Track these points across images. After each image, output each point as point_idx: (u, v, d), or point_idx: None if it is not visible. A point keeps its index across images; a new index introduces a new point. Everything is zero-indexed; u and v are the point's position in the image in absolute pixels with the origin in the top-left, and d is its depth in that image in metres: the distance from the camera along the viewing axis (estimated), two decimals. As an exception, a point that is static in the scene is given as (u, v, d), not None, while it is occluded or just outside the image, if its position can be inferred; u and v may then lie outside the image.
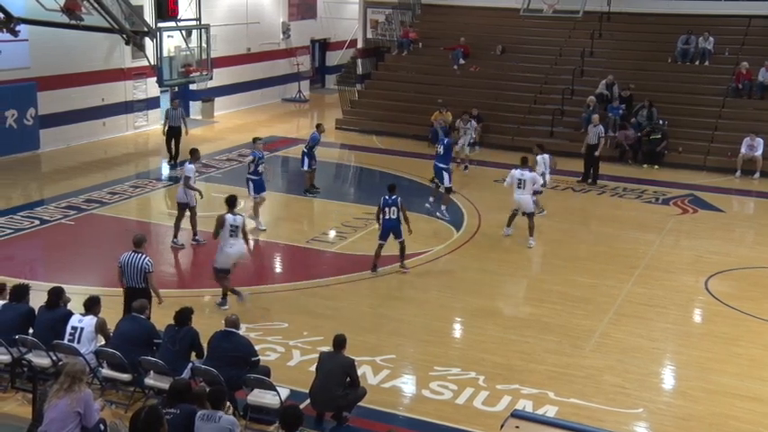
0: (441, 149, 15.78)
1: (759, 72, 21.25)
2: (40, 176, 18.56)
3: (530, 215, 14.22)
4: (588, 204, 17.34)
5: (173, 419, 6.96)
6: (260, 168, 14.66)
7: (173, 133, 19.32)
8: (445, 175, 15.62)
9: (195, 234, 13.89)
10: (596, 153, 18.25)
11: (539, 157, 15.83)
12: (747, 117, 20.87)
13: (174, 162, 19.12)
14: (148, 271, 9.76)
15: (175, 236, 13.84)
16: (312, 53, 30.52)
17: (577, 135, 20.47)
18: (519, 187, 14.11)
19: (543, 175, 15.53)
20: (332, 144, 22.50)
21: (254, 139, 15.37)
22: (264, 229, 14.62)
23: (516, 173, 14.21)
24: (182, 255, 13.84)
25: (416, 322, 11.17)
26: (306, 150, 17.02)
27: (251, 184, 14.68)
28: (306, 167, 16.95)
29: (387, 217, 12.57)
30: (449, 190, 15.76)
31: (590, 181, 18.45)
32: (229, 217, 11.26)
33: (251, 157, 14.82)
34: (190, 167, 13.86)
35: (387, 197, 12.58)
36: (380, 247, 12.71)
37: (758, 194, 18.49)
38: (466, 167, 19.67)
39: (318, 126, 17.29)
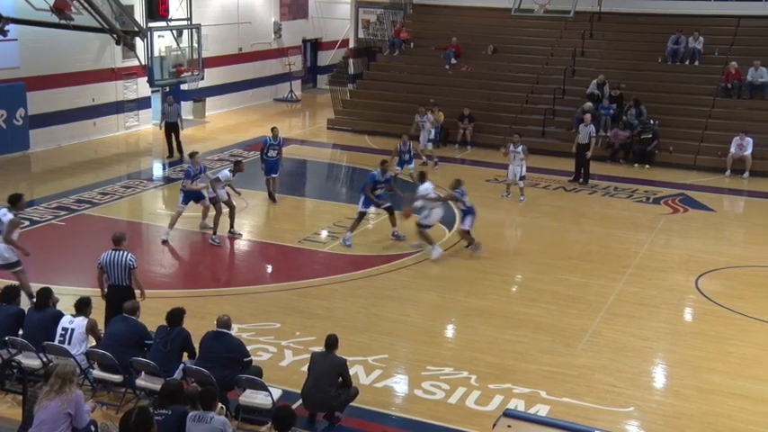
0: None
1: (748, 72, 21.37)
2: (30, 177, 18.47)
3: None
4: (580, 204, 17.38)
5: (164, 420, 6.93)
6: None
7: (170, 129, 19.51)
8: (361, 197, 14.23)
9: (231, 227, 14.24)
10: (587, 153, 18.29)
11: (520, 148, 16.45)
12: (737, 117, 20.98)
13: (180, 156, 19.31)
14: (133, 267, 9.69)
15: (214, 233, 14.04)
16: (304, 53, 30.50)
17: (569, 135, 20.52)
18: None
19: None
20: (324, 144, 22.50)
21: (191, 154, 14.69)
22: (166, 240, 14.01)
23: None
24: (173, 254, 13.81)
25: (409, 322, 11.17)
26: (263, 156, 16.47)
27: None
28: (264, 174, 16.42)
29: None
30: (361, 215, 14.22)
31: (581, 180, 18.50)
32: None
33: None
34: (225, 174, 14.11)
35: None
36: None
37: (748, 194, 18.60)
38: (436, 163, 19.65)
39: (272, 130, 16.63)
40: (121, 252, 9.73)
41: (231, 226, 14.29)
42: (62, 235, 14.26)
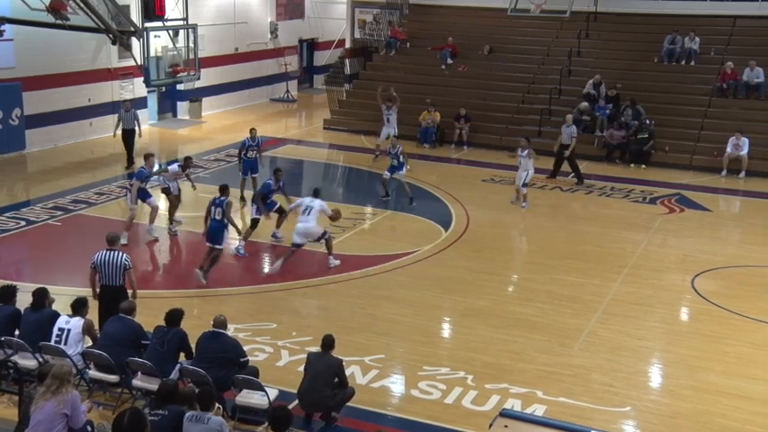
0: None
1: (744, 72, 21.41)
2: (26, 177, 18.44)
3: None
4: (576, 204, 17.41)
5: (161, 421, 6.93)
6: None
7: (127, 136, 18.71)
8: (253, 206, 14.02)
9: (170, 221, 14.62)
10: (565, 153, 18.32)
11: (526, 153, 16.04)
12: (733, 117, 21.01)
13: (128, 165, 18.53)
14: (128, 267, 9.68)
15: (170, 222, 14.57)
16: (300, 53, 30.49)
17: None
18: (304, 213, 13.03)
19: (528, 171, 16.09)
20: (320, 144, 22.50)
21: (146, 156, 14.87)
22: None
23: (306, 200, 13.27)
24: (169, 254, 13.80)
25: (405, 322, 11.17)
26: (242, 157, 16.44)
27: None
28: (241, 174, 16.41)
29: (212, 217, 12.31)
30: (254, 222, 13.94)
31: (577, 181, 18.45)
32: None
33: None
34: (174, 168, 14.61)
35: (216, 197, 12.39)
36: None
37: (744, 194, 18.63)
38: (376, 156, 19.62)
39: (250, 131, 16.56)
40: (116, 252, 9.71)
41: (170, 220, 14.56)
42: (58, 235, 14.24)
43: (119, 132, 18.87)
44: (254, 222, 13.90)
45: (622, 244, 14.58)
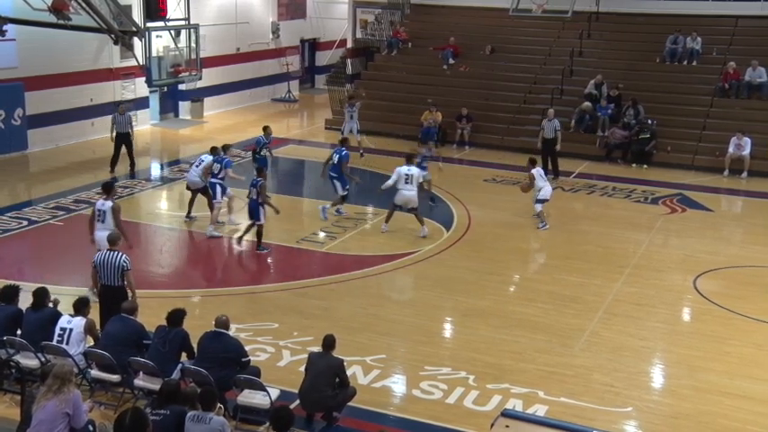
0: (335, 159, 15.19)
1: (746, 72, 21.40)
2: (28, 177, 18.46)
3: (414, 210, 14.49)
4: (578, 204, 17.40)
5: (162, 420, 6.94)
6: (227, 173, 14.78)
7: (122, 140, 18.05)
8: (336, 183, 15.27)
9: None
10: (557, 147, 18.53)
11: (534, 171, 15.41)
12: (735, 117, 20.99)
13: (132, 170, 18.29)
14: (126, 269, 9.66)
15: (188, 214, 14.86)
16: (302, 53, 30.50)
17: (566, 135, 20.50)
18: (406, 183, 14.31)
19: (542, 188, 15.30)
20: (322, 144, 22.48)
21: (225, 147, 15.23)
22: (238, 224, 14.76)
23: (403, 169, 14.43)
24: (171, 254, 13.81)
25: (407, 322, 11.18)
26: (256, 155, 16.62)
27: (218, 188, 14.55)
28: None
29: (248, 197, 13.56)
30: (343, 198, 15.37)
31: (551, 176, 18.29)
32: None
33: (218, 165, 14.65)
34: (210, 159, 14.68)
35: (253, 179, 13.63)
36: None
37: (746, 194, 18.61)
38: (362, 154, 19.64)
39: (265, 129, 16.79)
40: (116, 253, 9.72)
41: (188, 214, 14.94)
42: (60, 235, 14.25)
43: (115, 135, 18.28)
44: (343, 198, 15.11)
45: (624, 244, 14.57)
